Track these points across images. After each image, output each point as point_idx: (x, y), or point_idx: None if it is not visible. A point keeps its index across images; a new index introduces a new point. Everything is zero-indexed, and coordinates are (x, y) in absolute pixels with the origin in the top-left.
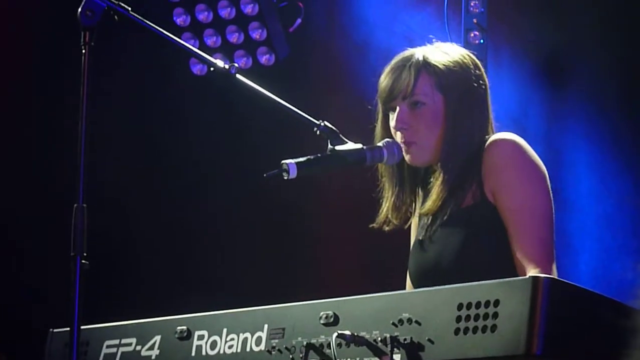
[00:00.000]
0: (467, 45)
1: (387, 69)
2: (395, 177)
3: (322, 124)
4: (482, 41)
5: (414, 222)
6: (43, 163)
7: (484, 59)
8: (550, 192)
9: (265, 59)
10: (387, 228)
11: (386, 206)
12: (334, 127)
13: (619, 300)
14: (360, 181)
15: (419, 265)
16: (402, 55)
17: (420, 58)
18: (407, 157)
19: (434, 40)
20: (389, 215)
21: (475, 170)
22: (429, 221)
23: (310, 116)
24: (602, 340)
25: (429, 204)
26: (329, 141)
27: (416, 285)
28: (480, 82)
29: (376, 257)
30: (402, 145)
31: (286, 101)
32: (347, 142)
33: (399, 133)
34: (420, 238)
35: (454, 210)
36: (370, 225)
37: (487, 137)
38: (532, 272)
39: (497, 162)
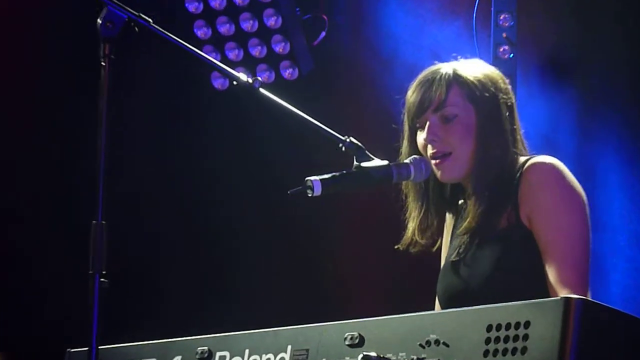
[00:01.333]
0: (496, 60)
1: (415, 83)
2: (420, 197)
3: (348, 139)
4: (511, 55)
5: (445, 242)
6: (59, 177)
7: (513, 73)
8: (588, 218)
9: (288, 73)
10: (413, 250)
11: (412, 227)
12: (359, 143)
13: None
14: (385, 197)
15: (448, 286)
16: (430, 69)
17: (450, 71)
18: (438, 173)
19: (458, 57)
20: (415, 237)
21: (511, 192)
22: (463, 242)
23: (335, 132)
24: None
25: (466, 223)
26: (354, 158)
27: (445, 307)
28: (509, 97)
29: (402, 277)
30: (432, 161)
31: (310, 116)
32: (373, 159)
33: (429, 147)
34: (452, 259)
35: (488, 232)
36: (396, 247)
37: (519, 156)
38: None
39: (535, 186)
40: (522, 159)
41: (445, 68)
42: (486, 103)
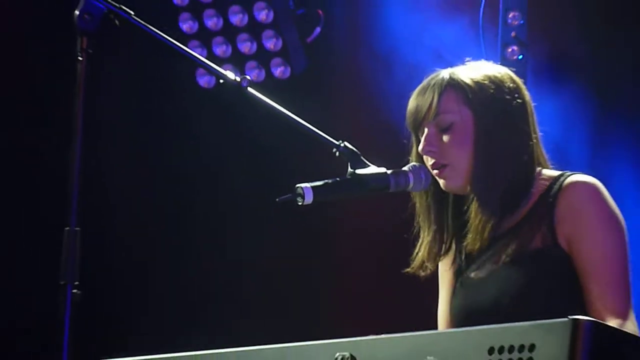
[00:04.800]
0: (504, 61)
1: (415, 92)
2: (432, 214)
3: (342, 144)
4: (521, 57)
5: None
6: (30, 180)
7: (524, 76)
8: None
9: (279, 71)
10: (422, 274)
11: (422, 249)
12: (354, 149)
13: None
14: (388, 206)
15: (471, 304)
16: (430, 76)
17: (446, 76)
18: (441, 183)
19: (466, 59)
20: (425, 260)
21: (545, 211)
22: (487, 259)
23: (329, 135)
24: None
25: (470, 239)
26: (349, 164)
27: (462, 326)
28: (517, 97)
29: (401, 295)
30: (433, 171)
31: (302, 118)
32: (369, 166)
33: (428, 158)
34: (473, 276)
35: (517, 250)
36: (405, 271)
37: (535, 165)
38: (612, 323)
39: (577, 208)
40: (549, 172)
41: (444, 73)
42: (485, 106)
